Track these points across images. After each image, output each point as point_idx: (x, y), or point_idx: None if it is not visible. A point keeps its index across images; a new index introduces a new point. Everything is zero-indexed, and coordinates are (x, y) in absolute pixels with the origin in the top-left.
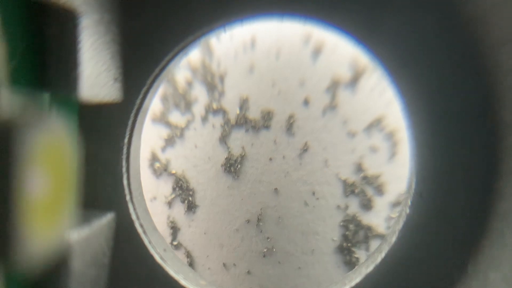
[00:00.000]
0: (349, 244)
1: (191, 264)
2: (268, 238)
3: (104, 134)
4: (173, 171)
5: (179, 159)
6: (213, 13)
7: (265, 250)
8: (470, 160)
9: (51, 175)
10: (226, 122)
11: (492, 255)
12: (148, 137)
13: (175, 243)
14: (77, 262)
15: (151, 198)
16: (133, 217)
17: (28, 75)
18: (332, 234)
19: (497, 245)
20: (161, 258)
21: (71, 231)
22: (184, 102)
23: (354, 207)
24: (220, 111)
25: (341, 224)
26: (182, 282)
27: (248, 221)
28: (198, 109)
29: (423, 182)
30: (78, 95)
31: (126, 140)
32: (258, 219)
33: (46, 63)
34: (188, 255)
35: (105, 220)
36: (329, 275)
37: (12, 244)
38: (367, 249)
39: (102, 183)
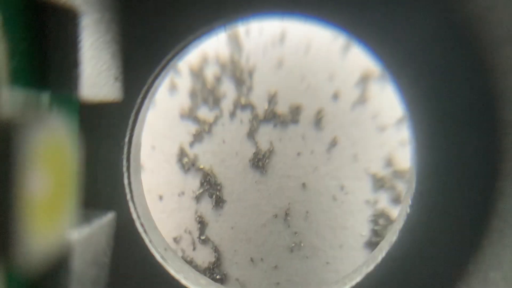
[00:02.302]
0: (378, 239)
1: (218, 259)
2: (295, 232)
3: (104, 133)
4: (201, 166)
5: (207, 154)
6: (213, 13)
7: (292, 245)
8: (471, 159)
9: (52, 174)
10: (254, 117)
11: (493, 254)
12: (176, 133)
13: (202, 237)
14: (77, 262)
15: (179, 193)
16: (134, 216)
17: (28, 75)
18: (361, 229)
19: (497, 245)
20: (162, 257)
21: (72, 230)
22: (212, 97)
23: (383, 202)
24: (249, 106)
25: (370, 219)
26: (183, 281)
27: (276, 215)
28: (227, 104)
29: (424, 182)
30: (79, 95)
31: (126, 140)
32: (286, 214)
33: (47, 63)
34: (216, 249)
35: (106, 219)
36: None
37: (12, 244)
38: None
39: (102, 182)
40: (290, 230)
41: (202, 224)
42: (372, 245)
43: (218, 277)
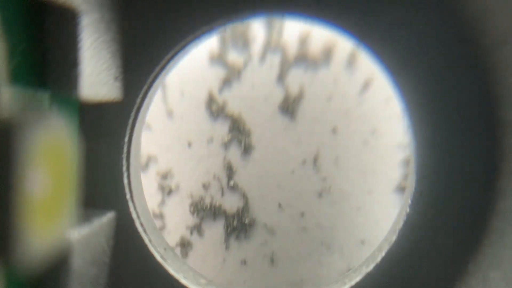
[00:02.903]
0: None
1: (246, 204)
2: (325, 178)
3: (104, 133)
4: (230, 112)
5: (236, 100)
6: (213, 13)
7: (321, 190)
8: (471, 159)
9: (51, 174)
10: (284, 61)
11: (493, 254)
12: (205, 78)
13: (231, 184)
14: (77, 261)
15: (208, 140)
16: (134, 216)
17: (28, 74)
18: (392, 174)
19: (497, 244)
20: (162, 257)
21: (71, 230)
22: (242, 41)
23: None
24: (278, 49)
25: (401, 163)
26: (182, 281)
27: (305, 161)
28: (256, 48)
29: (424, 181)
30: (79, 94)
31: (126, 139)
32: (315, 159)
33: (46, 62)
34: (244, 195)
35: (105, 219)
36: (388, 215)
37: (12, 244)
38: None
39: (102, 182)
40: (319, 175)
41: (230, 170)
42: (402, 190)
43: (246, 221)
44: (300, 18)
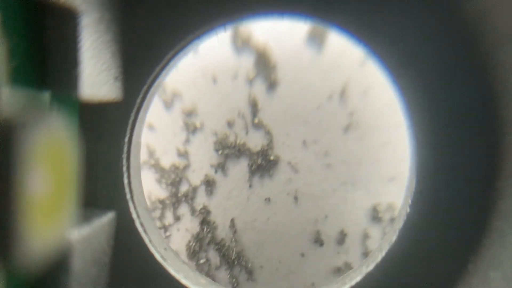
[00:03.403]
0: None
1: (270, 142)
2: (351, 113)
3: (104, 133)
4: (255, 46)
5: (261, 32)
6: (213, 13)
7: (347, 125)
8: (471, 159)
9: (52, 174)
10: None
11: (493, 254)
12: None
13: (255, 121)
14: (77, 261)
15: (232, 76)
16: (134, 216)
17: (28, 75)
18: None
19: (497, 244)
20: (162, 257)
21: (72, 230)
22: None
23: None
24: None
25: None
26: (183, 281)
27: (331, 96)
28: None
29: (424, 181)
30: (79, 94)
31: (126, 139)
32: (342, 93)
33: (47, 62)
34: (268, 132)
35: (106, 219)
36: None
37: (12, 243)
38: None
39: (102, 182)
40: (345, 110)
41: (255, 107)
42: None
43: (271, 159)
44: (300, 18)
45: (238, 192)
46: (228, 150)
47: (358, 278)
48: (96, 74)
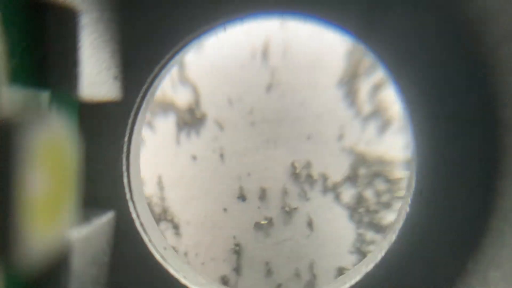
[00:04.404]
0: (352, 79)
1: (197, 100)
2: (272, 72)
3: (104, 132)
4: None
5: None
6: (213, 12)
7: (269, 84)
8: (470, 159)
9: (51, 173)
10: None
11: (492, 253)
12: None
13: (182, 79)
14: (77, 261)
15: None
16: (133, 215)
17: (28, 74)
18: (336, 67)
19: (497, 244)
20: (161, 256)
21: (72, 229)
22: None
23: None
24: None
25: (345, 56)
26: (182, 280)
27: (254, 55)
28: None
29: (423, 181)
30: (78, 94)
31: (126, 139)
32: (264, 52)
33: (46, 62)
34: (195, 90)
35: (105, 218)
36: (331, 110)
37: (12, 243)
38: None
39: (102, 181)
40: (267, 70)
41: (181, 65)
42: (344, 84)
43: (198, 116)
44: (300, 18)
45: (165, 149)
46: (155, 107)
47: (357, 277)
48: (96, 74)
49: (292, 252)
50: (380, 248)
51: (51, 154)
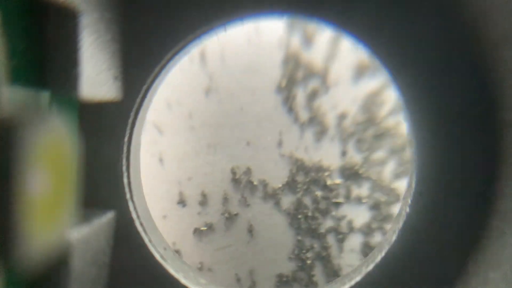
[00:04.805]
0: (290, 85)
1: None
2: (210, 76)
3: (104, 132)
4: None
5: None
6: (213, 12)
7: (208, 88)
8: (470, 159)
9: (51, 174)
10: None
11: (492, 254)
12: None
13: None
14: (77, 261)
15: None
16: (133, 216)
17: (28, 74)
18: (274, 73)
19: (497, 245)
20: (161, 257)
21: (71, 230)
22: None
23: (296, 44)
24: None
25: (281, 63)
26: (182, 281)
27: (192, 59)
28: None
29: (423, 181)
30: (78, 94)
31: (126, 139)
32: (202, 56)
33: (46, 62)
34: None
35: (105, 219)
36: (269, 116)
37: (12, 243)
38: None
39: (102, 182)
40: (206, 74)
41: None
42: (282, 90)
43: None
44: (300, 18)
45: None
46: None
47: (357, 278)
48: (96, 74)
49: (232, 258)
50: (380, 248)
51: (51, 154)
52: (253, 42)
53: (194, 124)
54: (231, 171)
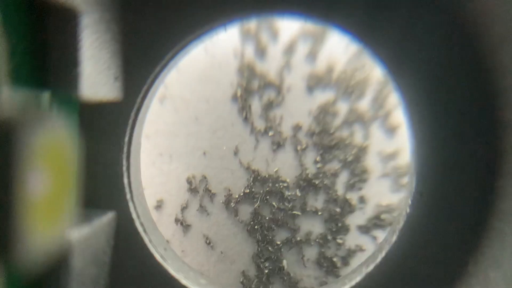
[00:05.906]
0: (245, 94)
1: None
2: (166, 85)
3: (104, 133)
4: None
5: None
6: (213, 12)
7: (162, 96)
8: (470, 159)
9: (52, 174)
10: None
11: (493, 254)
12: None
13: None
14: (77, 261)
15: None
16: (134, 216)
17: (28, 74)
18: (230, 82)
19: (497, 244)
20: (162, 257)
21: (72, 230)
22: None
23: (251, 54)
24: None
25: (238, 72)
26: (183, 281)
27: None
28: None
29: (423, 181)
30: (79, 94)
31: (126, 139)
32: None
33: (47, 62)
34: None
35: (106, 219)
36: (224, 125)
37: (12, 243)
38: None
39: (102, 182)
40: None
41: None
42: (237, 99)
43: None
44: (300, 18)
45: None
46: None
47: (358, 278)
48: (96, 74)
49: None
50: (380, 248)
51: (51, 154)
52: (209, 51)
53: (148, 133)
54: (186, 180)
